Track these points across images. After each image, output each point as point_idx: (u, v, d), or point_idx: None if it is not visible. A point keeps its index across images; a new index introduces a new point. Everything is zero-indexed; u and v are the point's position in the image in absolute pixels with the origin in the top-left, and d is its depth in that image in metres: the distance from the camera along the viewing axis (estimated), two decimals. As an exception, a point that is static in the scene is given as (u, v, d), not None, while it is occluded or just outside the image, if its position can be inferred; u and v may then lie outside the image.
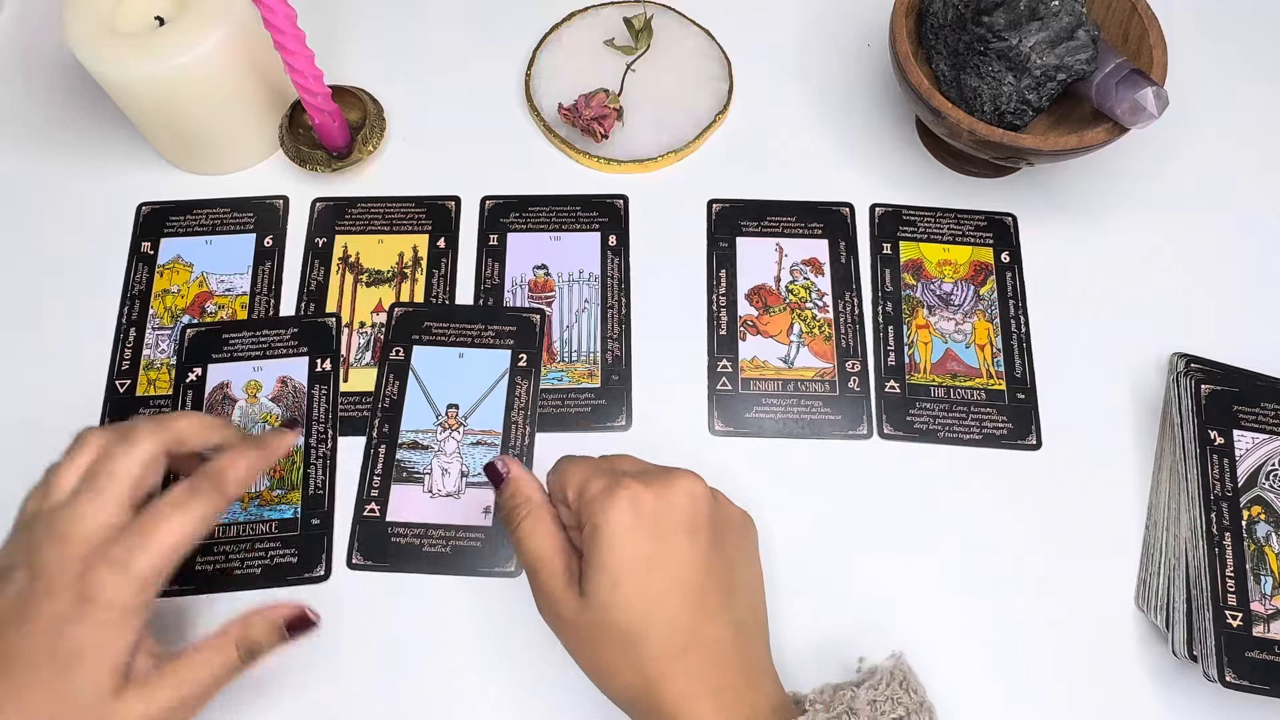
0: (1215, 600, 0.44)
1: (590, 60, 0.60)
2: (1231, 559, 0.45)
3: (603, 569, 0.37)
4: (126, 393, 0.52)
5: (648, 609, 0.37)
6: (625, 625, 0.37)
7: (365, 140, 0.56)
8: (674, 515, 0.38)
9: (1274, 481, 0.47)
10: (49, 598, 0.36)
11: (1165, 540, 0.47)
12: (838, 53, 0.62)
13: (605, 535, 0.37)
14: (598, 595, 0.37)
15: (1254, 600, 0.45)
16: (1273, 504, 0.47)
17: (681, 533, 0.38)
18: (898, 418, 0.51)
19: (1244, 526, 0.46)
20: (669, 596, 0.37)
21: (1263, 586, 0.45)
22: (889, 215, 0.57)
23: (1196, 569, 0.45)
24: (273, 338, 0.53)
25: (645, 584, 0.37)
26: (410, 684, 0.46)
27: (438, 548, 0.48)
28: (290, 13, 0.48)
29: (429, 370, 0.52)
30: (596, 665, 0.39)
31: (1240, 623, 0.44)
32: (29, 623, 0.36)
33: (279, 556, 0.48)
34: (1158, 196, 0.58)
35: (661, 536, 0.38)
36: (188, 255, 0.55)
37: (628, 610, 0.37)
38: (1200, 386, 0.49)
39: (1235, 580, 0.45)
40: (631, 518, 0.37)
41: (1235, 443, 0.48)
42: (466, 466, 0.50)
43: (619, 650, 0.37)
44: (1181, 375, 0.50)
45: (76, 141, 0.59)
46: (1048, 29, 0.50)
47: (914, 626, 0.47)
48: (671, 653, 0.37)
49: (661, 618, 0.37)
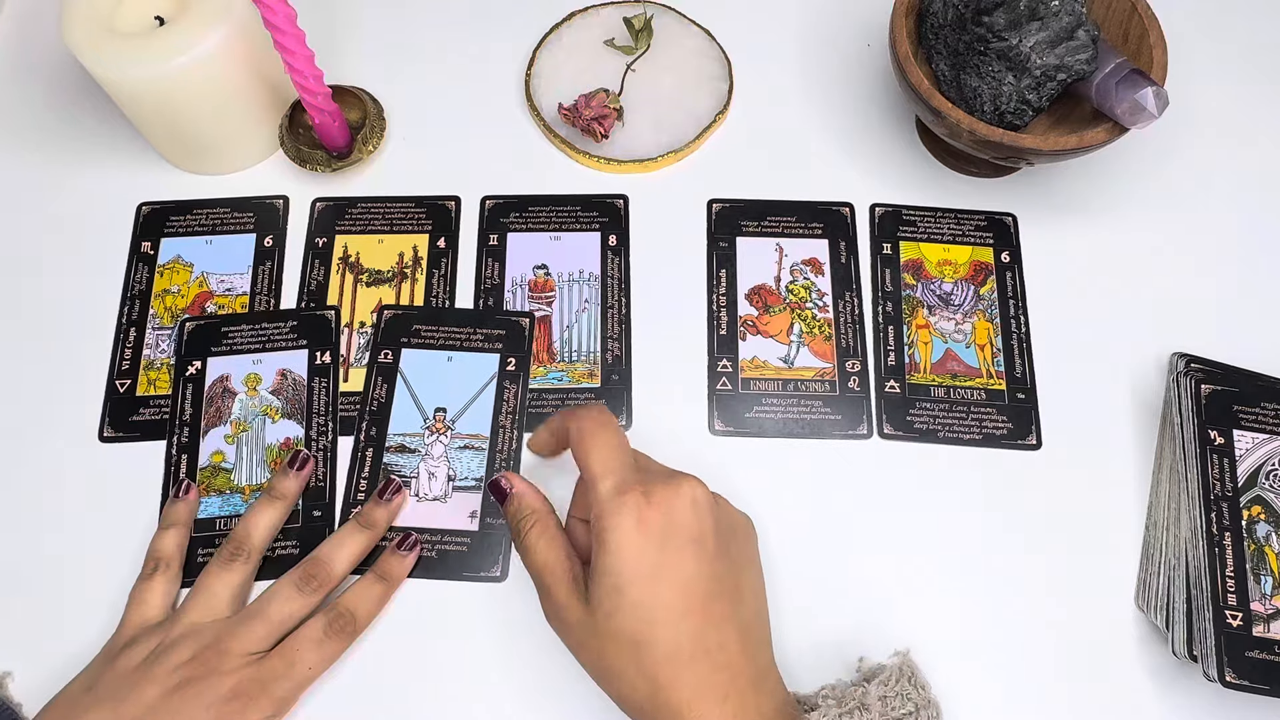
0: (1215, 600, 0.44)
1: (590, 60, 0.60)
2: (1231, 559, 0.45)
3: (608, 575, 0.37)
4: (126, 393, 0.52)
5: (653, 616, 0.37)
6: (631, 632, 0.37)
7: (365, 140, 0.56)
8: (679, 523, 0.38)
9: (1274, 481, 0.47)
10: (204, 681, 0.41)
11: (1165, 540, 0.47)
12: (838, 53, 0.62)
13: (612, 544, 0.38)
14: (603, 603, 0.38)
15: (1254, 600, 0.45)
16: (1272, 504, 0.47)
17: (688, 541, 0.38)
18: (898, 418, 0.51)
19: (1244, 526, 0.46)
20: (675, 604, 0.37)
21: (1263, 586, 0.45)
22: (889, 215, 0.57)
23: (1196, 569, 0.45)
24: (272, 330, 0.53)
25: (652, 592, 0.37)
26: (396, 689, 0.46)
27: (424, 552, 0.48)
28: (290, 13, 0.48)
29: (417, 373, 0.52)
30: (602, 670, 0.39)
31: (1240, 622, 0.44)
32: (183, 690, 0.41)
33: (281, 549, 0.48)
34: (1158, 196, 0.58)
35: (667, 545, 0.38)
36: (188, 255, 0.55)
37: (633, 618, 0.37)
38: (1200, 386, 0.49)
39: (1235, 580, 0.45)
40: (637, 526, 0.38)
41: (1235, 442, 0.48)
42: (454, 470, 0.50)
43: (626, 656, 0.37)
44: (1181, 375, 0.50)
45: (76, 141, 0.59)
46: (1048, 29, 0.50)
47: (913, 626, 0.47)
48: (679, 660, 0.37)
49: (668, 625, 0.37)
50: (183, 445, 0.50)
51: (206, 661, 0.41)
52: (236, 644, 0.42)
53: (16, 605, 0.48)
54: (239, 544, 0.45)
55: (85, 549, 0.48)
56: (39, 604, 0.48)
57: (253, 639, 0.43)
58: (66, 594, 0.48)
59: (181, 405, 0.51)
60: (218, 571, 0.45)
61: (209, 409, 0.51)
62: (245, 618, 0.43)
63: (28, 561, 0.48)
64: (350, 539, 0.46)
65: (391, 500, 0.48)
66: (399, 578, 0.47)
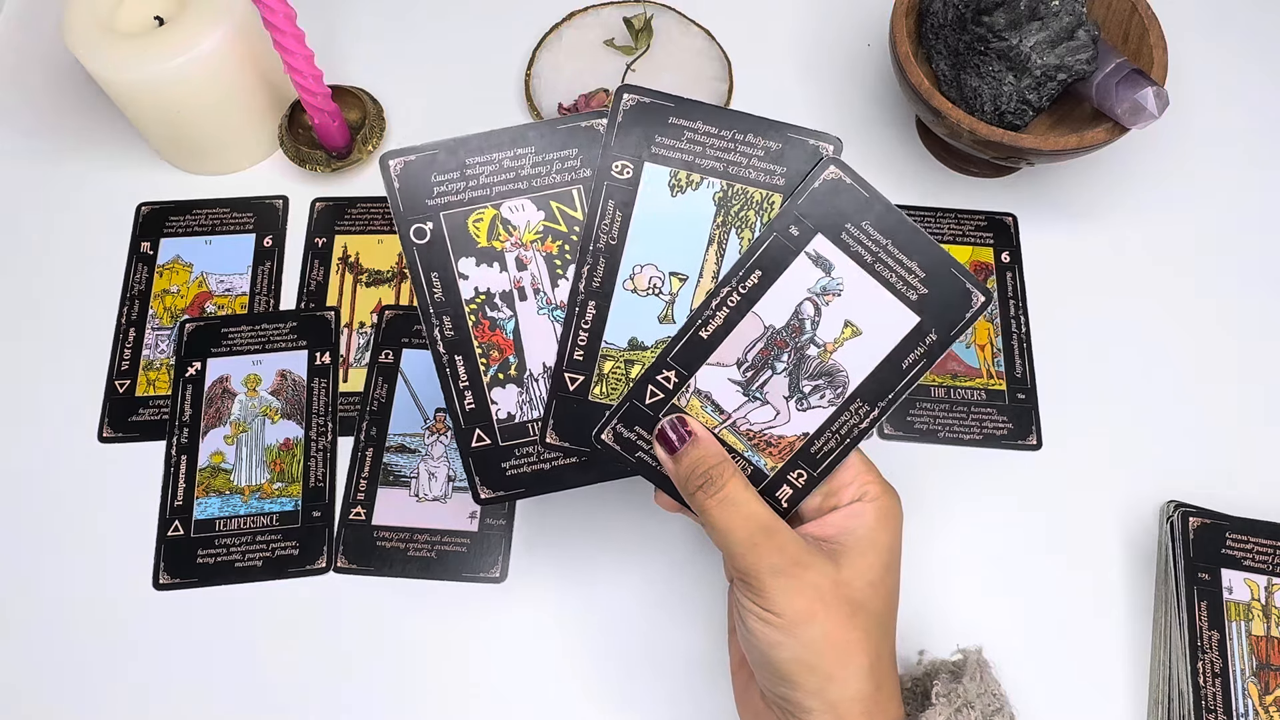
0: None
1: (590, 60, 0.60)
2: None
3: (887, 551, 0.37)
4: (126, 393, 0.52)
5: (894, 606, 0.37)
6: (880, 612, 0.36)
7: (365, 140, 0.56)
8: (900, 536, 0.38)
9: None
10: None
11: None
12: (838, 53, 0.62)
13: (892, 525, 0.37)
14: (866, 573, 0.36)
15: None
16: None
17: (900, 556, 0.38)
18: (898, 418, 0.51)
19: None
20: (894, 607, 0.38)
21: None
22: (889, 215, 0.57)
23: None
24: (271, 331, 0.53)
25: (894, 591, 0.37)
26: (397, 689, 0.46)
27: (423, 552, 0.48)
28: (290, 12, 0.48)
29: (418, 373, 0.52)
30: (799, 622, 0.35)
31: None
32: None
33: (280, 549, 0.48)
34: (1158, 196, 0.57)
35: (898, 554, 0.38)
36: (187, 255, 0.55)
37: (888, 601, 0.37)
38: (1188, 519, 0.48)
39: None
40: (900, 524, 0.38)
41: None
42: (453, 471, 0.50)
43: (859, 629, 0.35)
44: (1174, 521, 0.49)
45: (76, 141, 0.59)
46: (1048, 29, 0.50)
47: (912, 626, 0.47)
48: (886, 655, 0.36)
49: (893, 617, 0.37)
50: (182, 446, 0.50)
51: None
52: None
53: (16, 605, 0.48)
54: None
55: (85, 549, 0.48)
56: (39, 604, 0.48)
57: None
58: (66, 594, 0.48)
59: (181, 406, 0.51)
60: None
61: (209, 409, 0.51)
62: None
63: (27, 561, 0.48)
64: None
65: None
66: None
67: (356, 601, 0.48)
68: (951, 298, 0.37)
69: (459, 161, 0.38)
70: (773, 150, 0.38)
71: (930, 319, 0.37)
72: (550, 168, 0.38)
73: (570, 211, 0.38)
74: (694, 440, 0.37)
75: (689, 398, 0.38)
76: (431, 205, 0.38)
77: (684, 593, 0.48)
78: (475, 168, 0.38)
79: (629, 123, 0.38)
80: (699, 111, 0.38)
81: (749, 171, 0.38)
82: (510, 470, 0.39)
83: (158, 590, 0.48)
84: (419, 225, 0.38)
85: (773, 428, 0.38)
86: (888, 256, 0.37)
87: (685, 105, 0.38)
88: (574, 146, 0.38)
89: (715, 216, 0.38)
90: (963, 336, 0.53)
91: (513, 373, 0.39)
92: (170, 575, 0.48)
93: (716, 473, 0.36)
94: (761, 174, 0.38)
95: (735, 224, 0.38)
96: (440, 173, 0.38)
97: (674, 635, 0.47)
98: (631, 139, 0.38)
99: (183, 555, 0.48)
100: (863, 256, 0.37)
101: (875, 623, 0.36)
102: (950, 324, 0.37)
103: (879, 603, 0.36)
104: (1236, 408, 0.52)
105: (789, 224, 0.37)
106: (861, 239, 0.37)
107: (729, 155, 0.38)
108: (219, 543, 0.48)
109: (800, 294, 0.37)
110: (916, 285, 0.37)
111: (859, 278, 0.37)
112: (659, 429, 0.38)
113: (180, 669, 0.46)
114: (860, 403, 0.38)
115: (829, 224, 0.37)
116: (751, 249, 0.37)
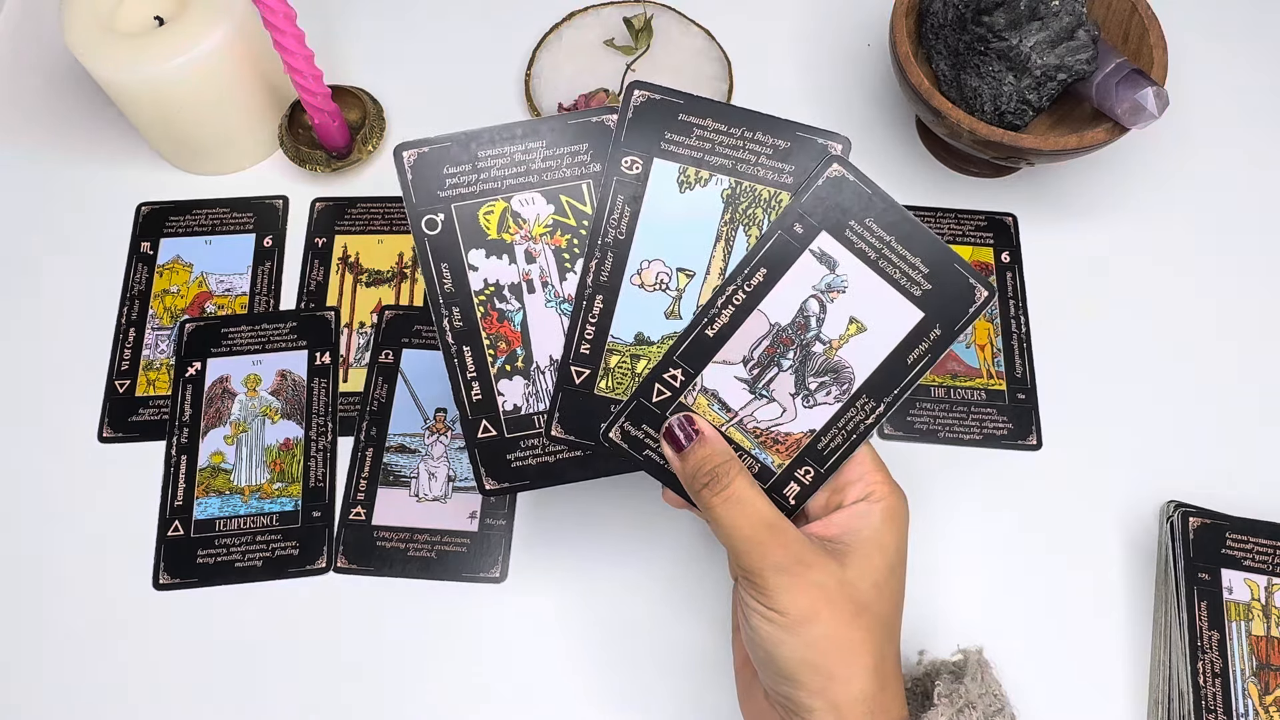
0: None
1: (590, 60, 0.60)
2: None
3: (894, 551, 0.37)
4: (126, 393, 0.52)
5: (899, 606, 0.37)
6: (886, 614, 0.36)
7: (365, 140, 0.56)
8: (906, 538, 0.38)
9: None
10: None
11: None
12: (838, 53, 0.62)
13: (899, 527, 0.37)
14: (871, 573, 0.36)
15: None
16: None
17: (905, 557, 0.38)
18: (898, 418, 0.51)
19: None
20: (899, 608, 0.37)
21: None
22: (889, 215, 0.57)
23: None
24: (271, 331, 0.53)
25: (899, 592, 0.37)
26: (396, 689, 0.46)
27: (423, 552, 0.48)
28: (290, 12, 0.48)
29: (417, 373, 0.52)
30: (804, 621, 0.35)
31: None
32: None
33: (280, 549, 0.48)
34: (1158, 196, 0.58)
35: (904, 555, 0.38)
36: (187, 255, 0.55)
37: (893, 602, 0.37)
38: (1188, 519, 0.48)
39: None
40: (906, 525, 0.38)
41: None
42: (453, 471, 0.50)
43: (863, 630, 0.35)
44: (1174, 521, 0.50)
45: (76, 141, 0.59)
46: (1048, 29, 0.50)
47: (913, 626, 0.47)
48: (890, 660, 0.36)
49: (899, 618, 0.37)
50: (182, 446, 0.50)
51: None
52: None
53: (16, 605, 0.47)
54: None
55: (85, 549, 0.48)
56: (39, 604, 0.47)
57: None
58: (66, 594, 0.48)
59: (181, 406, 0.51)
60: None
61: (208, 409, 0.51)
62: None
63: (28, 561, 0.48)
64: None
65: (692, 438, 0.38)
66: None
67: (356, 601, 0.47)
68: (955, 293, 0.37)
69: (471, 154, 0.38)
70: (781, 148, 0.38)
71: (934, 314, 0.37)
72: (561, 162, 0.38)
73: (580, 206, 0.39)
74: (701, 439, 0.37)
75: (696, 396, 0.38)
76: (443, 197, 0.38)
77: (686, 592, 0.48)
78: (487, 160, 0.38)
79: (639, 119, 0.38)
80: (709, 109, 0.38)
81: (757, 169, 0.38)
82: (516, 462, 0.39)
83: (158, 590, 0.48)
84: (430, 216, 0.38)
85: (779, 425, 0.38)
86: (891, 253, 0.37)
87: (695, 102, 0.38)
88: (585, 141, 0.38)
89: (723, 213, 0.38)
90: (963, 336, 0.53)
91: (520, 365, 0.39)
92: (170, 575, 0.48)
93: (722, 471, 0.36)
94: (770, 172, 0.38)
95: (743, 221, 0.38)
96: (452, 165, 0.38)
97: (675, 635, 0.47)
98: (641, 135, 0.38)
99: (183, 555, 0.48)
100: (866, 253, 0.37)
101: (879, 623, 0.36)
102: (954, 319, 0.37)
103: (883, 603, 0.36)
104: (1236, 408, 0.52)
105: (793, 222, 0.37)
106: (865, 235, 0.37)
107: (738, 153, 0.38)
108: (219, 543, 0.48)
109: (805, 291, 0.37)
110: (920, 281, 0.37)
111: (863, 274, 0.37)
112: (666, 427, 0.38)
113: (180, 669, 0.46)
114: (866, 398, 0.38)
115: (833, 221, 0.37)
116: (756, 247, 0.37)
